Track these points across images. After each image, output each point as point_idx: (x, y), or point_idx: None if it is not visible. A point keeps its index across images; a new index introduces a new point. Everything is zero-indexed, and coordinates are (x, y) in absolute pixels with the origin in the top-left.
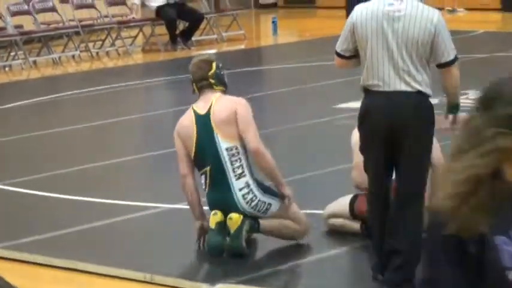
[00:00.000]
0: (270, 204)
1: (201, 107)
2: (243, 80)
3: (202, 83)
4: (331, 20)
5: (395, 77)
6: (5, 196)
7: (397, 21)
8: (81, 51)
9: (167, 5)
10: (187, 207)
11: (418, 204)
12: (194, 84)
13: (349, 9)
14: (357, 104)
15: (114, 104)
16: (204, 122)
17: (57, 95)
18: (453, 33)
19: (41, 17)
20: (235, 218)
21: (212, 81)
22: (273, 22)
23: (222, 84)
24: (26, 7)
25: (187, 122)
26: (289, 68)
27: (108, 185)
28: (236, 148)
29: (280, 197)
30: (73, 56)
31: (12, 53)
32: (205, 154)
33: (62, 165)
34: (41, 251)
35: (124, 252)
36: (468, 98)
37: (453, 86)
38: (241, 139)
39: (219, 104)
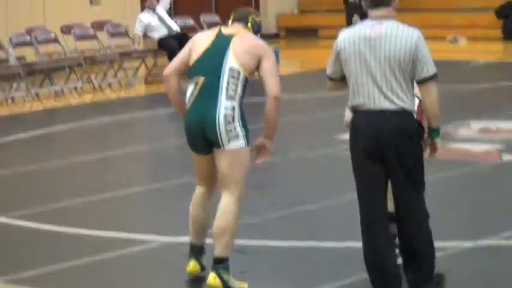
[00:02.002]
0: (237, 136)
1: (226, 30)
2: (246, 111)
3: (240, 20)
4: (329, 50)
5: (379, 96)
6: (6, 229)
7: (379, 43)
8: (83, 83)
9: (169, 36)
10: (187, 240)
11: (424, 217)
12: (232, 19)
13: None
14: None
15: (117, 136)
16: (223, 38)
17: (59, 127)
18: (454, 63)
19: (43, 49)
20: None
21: (251, 25)
22: (275, 51)
23: (254, 32)
24: (28, 38)
25: (207, 36)
26: (291, 98)
27: (110, 217)
28: (239, 73)
29: (258, 146)
30: (75, 88)
31: (15, 85)
32: (206, 64)
33: (64, 198)
34: (43, 285)
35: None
36: (470, 128)
37: (432, 105)
38: (248, 72)
39: (246, 38)
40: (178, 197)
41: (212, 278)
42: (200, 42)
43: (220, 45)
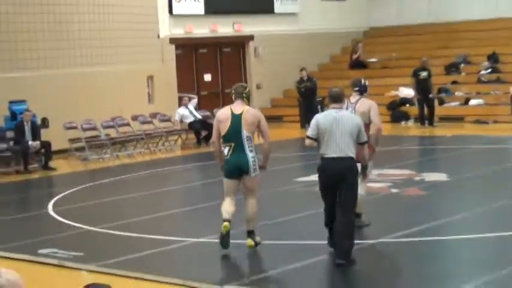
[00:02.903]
0: (256, 170)
1: (236, 109)
2: None
3: (239, 95)
4: (289, 129)
5: (338, 150)
6: (95, 234)
7: (341, 122)
8: (144, 149)
9: (195, 121)
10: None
11: (351, 217)
12: (234, 94)
13: (302, 121)
14: (314, 178)
15: (165, 180)
16: (237, 118)
17: (136, 175)
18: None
19: (120, 129)
20: (249, 244)
21: (245, 96)
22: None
23: (248, 100)
24: (111, 123)
25: (225, 115)
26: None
27: (161, 227)
28: (251, 138)
29: (261, 167)
30: (140, 152)
31: (104, 150)
32: (232, 135)
33: (135, 215)
34: (123, 268)
35: (164, 263)
36: (372, 173)
37: (366, 155)
38: (253, 133)
39: (249, 113)
40: (203, 214)
41: (249, 241)
42: (222, 120)
43: (237, 123)
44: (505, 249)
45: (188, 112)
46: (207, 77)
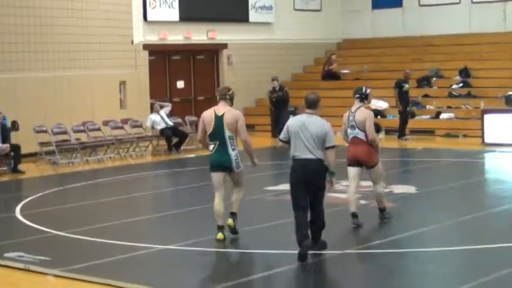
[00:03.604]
0: (239, 165)
1: (219, 110)
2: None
3: (223, 96)
4: (261, 138)
5: (307, 152)
6: (64, 239)
7: (308, 126)
8: (115, 155)
9: (166, 127)
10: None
11: (322, 208)
12: (219, 95)
13: (273, 130)
14: (283, 187)
15: (134, 186)
16: (219, 119)
17: (100, 180)
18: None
19: (91, 134)
20: (228, 223)
21: (228, 97)
22: None
23: (231, 102)
24: (82, 127)
25: (209, 116)
26: None
27: (129, 232)
28: (232, 137)
29: (252, 163)
30: (110, 157)
31: (74, 155)
32: (216, 135)
33: (103, 221)
34: (86, 273)
35: (131, 269)
36: (341, 184)
37: (332, 160)
38: (235, 132)
39: (229, 113)
40: (172, 220)
41: (230, 221)
42: (207, 121)
43: (220, 124)
44: (472, 263)
45: (160, 118)
46: (180, 84)
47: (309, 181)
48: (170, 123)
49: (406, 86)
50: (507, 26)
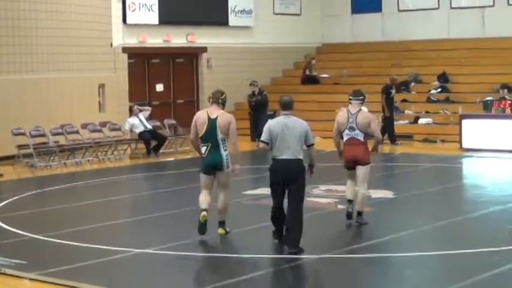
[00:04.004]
0: (228, 167)
1: (212, 113)
2: (188, 175)
3: (216, 100)
4: (240, 142)
5: (288, 152)
6: (42, 243)
7: (291, 126)
8: (93, 158)
9: (145, 131)
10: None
11: (301, 207)
12: (211, 99)
13: (252, 134)
14: (261, 191)
15: (112, 189)
16: (212, 122)
17: (78, 183)
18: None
19: (70, 136)
20: (219, 232)
21: (220, 101)
22: None
23: (223, 105)
24: (61, 130)
25: (203, 118)
26: None
27: (106, 236)
28: (224, 139)
29: (234, 167)
30: (88, 160)
31: (52, 158)
32: (209, 137)
33: (78, 225)
34: (64, 277)
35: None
36: (319, 189)
37: (314, 156)
38: (227, 135)
39: (222, 117)
40: (150, 224)
41: (220, 230)
42: (200, 123)
43: (212, 126)
44: (449, 268)
45: (138, 121)
46: (159, 87)
47: (289, 180)
48: (149, 126)
49: (393, 91)
50: (486, 31)
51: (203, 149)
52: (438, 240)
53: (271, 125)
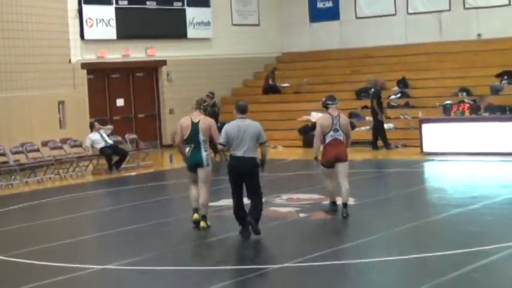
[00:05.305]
0: (209, 164)
1: (195, 118)
2: (151, 189)
3: (198, 106)
4: None
5: (244, 151)
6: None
7: (244, 128)
8: (54, 175)
9: (106, 146)
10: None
11: (260, 197)
12: (195, 105)
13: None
14: (224, 203)
15: (75, 206)
16: (195, 125)
17: (40, 201)
18: (274, 160)
19: (30, 155)
20: (203, 225)
21: (202, 107)
22: (170, 156)
23: (205, 111)
24: (21, 149)
25: (186, 122)
26: (181, 182)
27: (69, 254)
28: (205, 140)
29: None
30: (50, 178)
31: (13, 177)
32: (192, 139)
33: (41, 243)
34: None
35: None
36: (281, 198)
37: (265, 153)
38: (208, 137)
39: (204, 121)
40: (112, 240)
41: (203, 223)
42: (184, 127)
43: (195, 130)
44: (412, 272)
45: (99, 137)
46: (120, 102)
47: (245, 175)
48: (110, 141)
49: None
50: (443, 35)
51: (187, 150)
52: (401, 245)
53: (227, 128)
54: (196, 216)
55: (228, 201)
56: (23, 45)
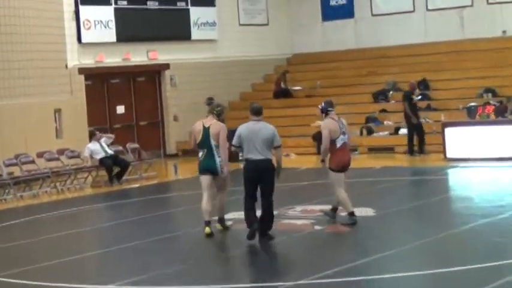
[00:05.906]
0: (223, 171)
1: (206, 123)
2: (154, 202)
3: (211, 111)
4: None
5: (258, 153)
6: None
7: (258, 131)
8: (51, 188)
9: (106, 157)
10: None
11: (272, 199)
12: (208, 110)
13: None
14: (233, 215)
15: (73, 221)
16: (206, 130)
17: (36, 217)
18: (287, 168)
19: (25, 167)
20: (218, 226)
21: (215, 112)
22: (174, 166)
23: (217, 116)
24: (15, 161)
25: (199, 127)
26: (186, 194)
27: (69, 273)
28: (217, 145)
29: (222, 170)
30: (46, 191)
31: (6, 191)
32: (204, 144)
33: (40, 261)
34: None
35: None
36: (295, 210)
37: (280, 158)
38: (218, 141)
39: (214, 126)
40: (113, 258)
41: (217, 225)
42: (196, 132)
43: (206, 134)
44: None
45: (99, 147)
46: (120, 109)
47: (260, 178)
48: (110, 151)
49: (415, 97)
50: (465, 33)
51: (200, 154)
52: (423, 259)
53: (241, 130)
54: (208, 229)
55: (237, 214)
56: (16, 50)
